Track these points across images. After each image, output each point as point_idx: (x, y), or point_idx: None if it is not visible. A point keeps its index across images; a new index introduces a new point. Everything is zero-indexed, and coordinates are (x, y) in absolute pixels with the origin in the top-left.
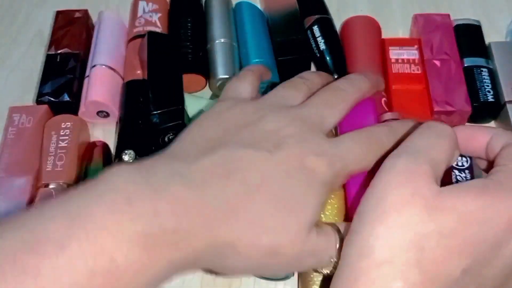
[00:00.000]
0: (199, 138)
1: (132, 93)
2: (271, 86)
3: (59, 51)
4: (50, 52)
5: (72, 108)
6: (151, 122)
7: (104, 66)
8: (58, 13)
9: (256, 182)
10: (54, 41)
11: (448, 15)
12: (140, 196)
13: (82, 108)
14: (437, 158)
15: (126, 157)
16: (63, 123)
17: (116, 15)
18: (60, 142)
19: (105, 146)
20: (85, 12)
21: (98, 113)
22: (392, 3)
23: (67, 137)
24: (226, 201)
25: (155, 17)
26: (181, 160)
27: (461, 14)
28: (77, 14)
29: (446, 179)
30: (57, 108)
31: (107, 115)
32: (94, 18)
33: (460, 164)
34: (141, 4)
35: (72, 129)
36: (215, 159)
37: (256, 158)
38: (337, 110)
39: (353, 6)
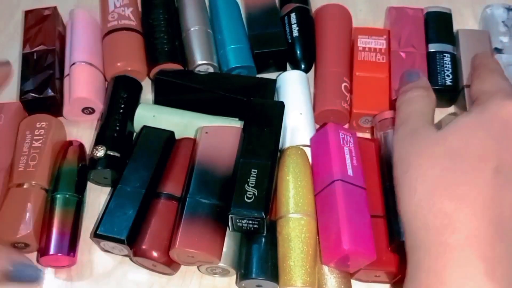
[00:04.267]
0: None
1: (118, 88)
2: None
3: (34, 49)
4: (25, 51)
5: (57, 103)
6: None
7: (83, 63)
8: (27, 12)
9: None
10: (28, 40)
11: (422, 9)
12: None
13: (67, 107)
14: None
15: (99, 153)
16: (38, 123)
17: (87, 12)
18: (34, 142)
19: (80, 146)
20: (54, 8)
21: (83, 110)
22: (391, 1)
23: (41, 137)
24: None
25: (128, 11)
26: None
27: (459, 11)
28: (46, 12)
29: None
30: (42, 104)
31: (92, 111)
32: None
33: None
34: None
35: (47, 129)
36: None
37: None
38: None
39: (353, 5)
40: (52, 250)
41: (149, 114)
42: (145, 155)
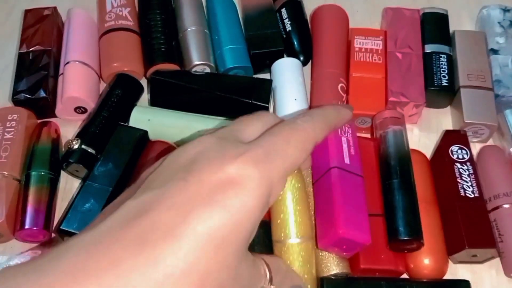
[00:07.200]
0: None
1: (114, 85)
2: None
3: (31, 49)
4: (21, 51)
5: (49, 104)
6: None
7: (77, 62)
8: (27, 11)
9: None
10: (25, 39)
11: (418, 11)
12: None
13: (59, 106)
14: None
15: (74, 146)
16: (9, 115)
17: (85, 12)
18: (6, 134)
19: (54, 127)
20: (54, 9)
21: (75, 109)
22: (387, 1)
23: (13, 129)
24: None
25: (125, 12)
26: None
27: (455, 12)
28: (46, 12)
29: (449, 173)
30: (34, 105)
31: (84, 110)
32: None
33: (461, 156)
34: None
35: (18, 121)
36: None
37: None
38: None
39: (349, 6)
40: (27, 224)
41: (144, 118)
42: (116, 153)
